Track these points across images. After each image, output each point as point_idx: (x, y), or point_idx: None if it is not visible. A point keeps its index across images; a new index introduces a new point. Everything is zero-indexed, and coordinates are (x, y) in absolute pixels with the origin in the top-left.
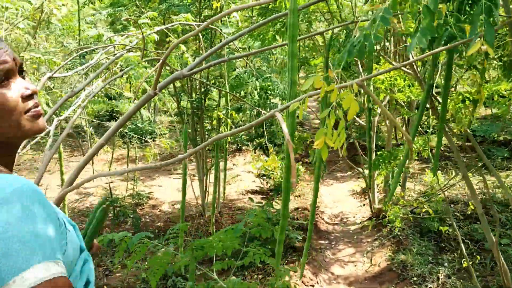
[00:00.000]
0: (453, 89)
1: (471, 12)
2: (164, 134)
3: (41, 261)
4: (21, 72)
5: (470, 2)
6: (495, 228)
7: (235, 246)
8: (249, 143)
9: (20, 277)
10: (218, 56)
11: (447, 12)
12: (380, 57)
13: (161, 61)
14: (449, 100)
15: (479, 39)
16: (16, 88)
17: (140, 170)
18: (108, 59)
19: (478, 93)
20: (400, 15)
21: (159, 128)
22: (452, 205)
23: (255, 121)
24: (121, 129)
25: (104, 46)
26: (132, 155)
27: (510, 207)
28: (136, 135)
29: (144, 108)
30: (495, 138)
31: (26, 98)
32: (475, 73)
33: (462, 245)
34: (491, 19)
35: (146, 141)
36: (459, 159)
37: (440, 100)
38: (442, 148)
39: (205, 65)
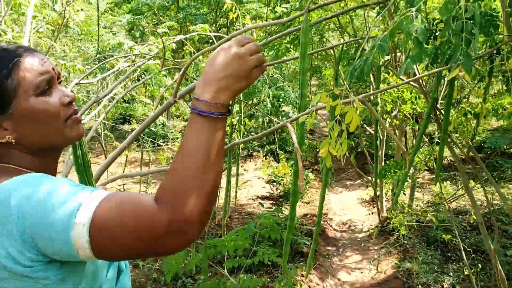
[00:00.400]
0: (465, 99)
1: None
2: (177, 138)
3: (80, 203)
4: (59, 80)
5: (473, 22)
6: (495, 237)
7: (246, 246)
8: (260, 149)
9: (75, 232)
10: None
11: (450, 32)
12: (389, 69)
13: (181, 71)
14: (453, 112)
15: (459, 66)
16: (57, 96)
17: (162, 171)
18: (129, 67)
19: (480, 107)
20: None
21: (172, 132)
22: (460, 216)
23: (268, 130)
24: None
25: (125, 56)
26: (145, 158)
27: None
28: (149, 139)
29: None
30: (505, 150)
31: (67, 105)
32: (477, 88)
33: (463, 253)
34: (470, 49)
35: (159, 145)
36: (461, 170)
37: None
38: (452, 159)
39: None
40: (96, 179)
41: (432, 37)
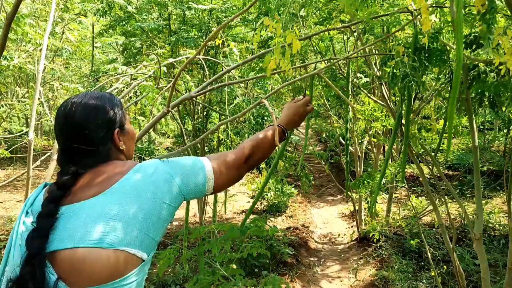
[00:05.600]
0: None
1: (426, 57)
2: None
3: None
4: None
5: (424, 47)
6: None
7: (235, 236)
8: None
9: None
10: (220, 82)
11: (404, 53)
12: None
13: (172, 82)
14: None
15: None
16: None
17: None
18: (124, 88)
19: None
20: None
21: (158, 149)
22: (434, 229)
23: (247, 109)
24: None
25: (121, 76)
26: None
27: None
28: (136, 155)
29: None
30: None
31: None
32: (431, 106)
33: (429, 254)
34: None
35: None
36: (425, 185)
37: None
38: (429, 176)
39: (209, 88)
40: None
41: (389, 59)
